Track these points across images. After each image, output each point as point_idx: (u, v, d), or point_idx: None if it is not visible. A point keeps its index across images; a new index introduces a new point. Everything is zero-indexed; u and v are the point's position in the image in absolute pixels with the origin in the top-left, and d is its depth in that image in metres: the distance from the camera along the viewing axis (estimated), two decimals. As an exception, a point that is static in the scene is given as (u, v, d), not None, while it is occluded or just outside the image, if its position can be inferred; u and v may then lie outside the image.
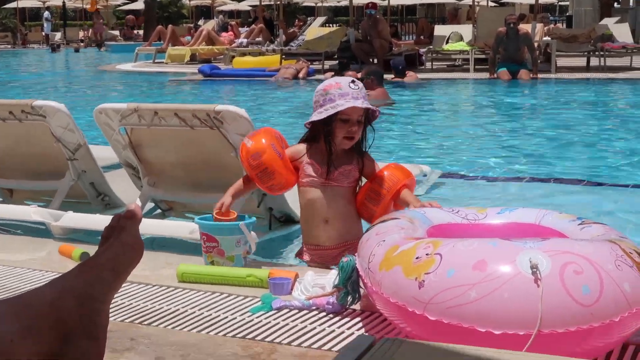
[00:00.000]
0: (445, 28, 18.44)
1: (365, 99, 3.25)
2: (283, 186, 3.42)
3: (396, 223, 2.71)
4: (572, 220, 2.74)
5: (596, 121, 9.97)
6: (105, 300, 1.54)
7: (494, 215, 2.91)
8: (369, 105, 3.25)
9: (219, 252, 3.27)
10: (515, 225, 2.84)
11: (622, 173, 6.48)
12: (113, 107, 4.25)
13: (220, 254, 3.26)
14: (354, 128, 3.27)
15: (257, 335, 2.58)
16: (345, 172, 3.36)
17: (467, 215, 2.91)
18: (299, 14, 26.58)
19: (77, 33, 41.17)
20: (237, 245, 3.26)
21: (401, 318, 2.39)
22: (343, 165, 3.35)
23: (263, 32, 21.25)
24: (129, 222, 1.60)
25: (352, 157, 3.37)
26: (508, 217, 2.89)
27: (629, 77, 14.74)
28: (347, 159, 3.37)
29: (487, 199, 5.30)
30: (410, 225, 2.70)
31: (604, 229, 2.60)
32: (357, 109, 3.23)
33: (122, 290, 2.95)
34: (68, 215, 4.12)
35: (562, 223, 2.74)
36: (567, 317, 2.15)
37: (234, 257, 3.25)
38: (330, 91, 3.25)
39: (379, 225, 2.73)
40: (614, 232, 2.56)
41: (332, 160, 3.34)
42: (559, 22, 30.22)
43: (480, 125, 9.88)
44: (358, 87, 3.26)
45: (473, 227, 2.86)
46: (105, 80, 18.15)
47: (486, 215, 2.91)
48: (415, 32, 24.47)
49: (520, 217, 2.87)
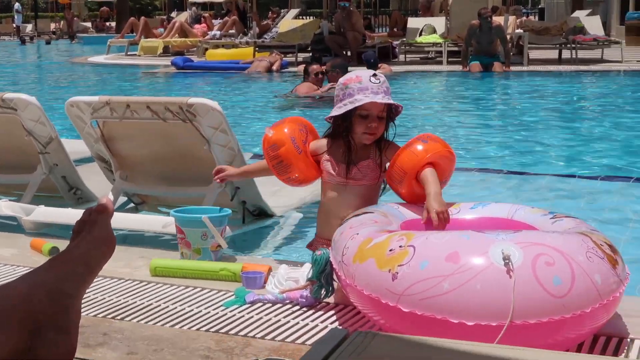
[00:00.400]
0: (419, 20, 18.46)
1: (386, 94, 3.09)
2: (301, 180, 3.31)
3: (370, 217, 2.71)
4: (544, 214, 2.77)
5: (568, 113, 10.05)
6: (76, 294, 1.54)
7: (467, 210, 2.93)
8: (389, 100, 3.08)
9: (186, 244, 3.27)
10: (488, 219, 2.85)
11: (594, 164, 6.53)
12: (85, 100, 4.22)
13: (187, 246, 3.26)
14: (374, 124, 3.10)
15: (230, 329, 2.57)
16: (363, 168, 3.18)
17: None
18: (272, 6, 26.49)
19: (49, 25, 40.80)
20: (203, 238, 3.25)
21: (375, 310, 2.40)
22: (360, 161, 3.19)
23: (236, 24, 21.16)
24: (100, 216, 1.59)
25: (370, 152, 3.20)
26: (481, 212, 2.91)
27: (600, 69, 14.85)
28: (365, 153, 3.20)
29: (460, 192, 5.32)
30: (384, 219, 2.71)
31: (575, 222, 2.62)
32: (377, 104, 3.07)
33: (94, 284, 2.93)
34: (39, 210, 4.09)
35: (534, 217, 2.76)
36: (539, 308, 2.17)
37: (201, 250, 3.25)
38: (350, 85, 3.11)
39: (352, 219, 2.74)
40: (584, 225, 2.59)
41: (350, 158, 3.19)
42: (531, 15, 30.39)
43: (453, 117, 9.92)
44: (379, 81, 3.08)
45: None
46: (77, 72, 18.01)
47: (459, 210, 2.93)
48: (388, 25, 24.46)
49: (493, 212, 2.89)
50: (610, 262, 2.33)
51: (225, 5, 25.44)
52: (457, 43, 15.87)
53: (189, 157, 4.21)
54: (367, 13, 25.56)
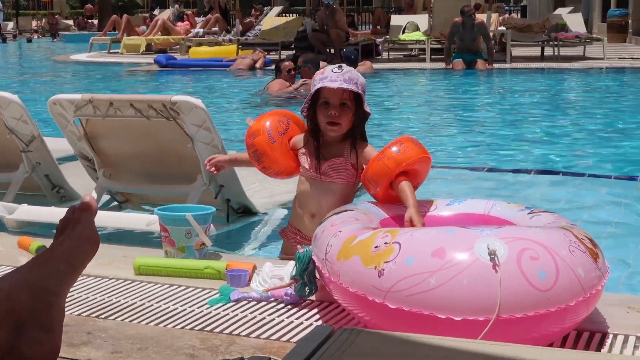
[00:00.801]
0: (402, 18, 18.50)
1: (347, 82, 3.09)
2: (277, 172, 3.36)
3: (351, 214, 2.72)
4: (521, 209, 2.79)
5: (550, 110, 10.09)
6: (60, 293, 1.53)
7: (443, 206, 2.94)
8: (348, 86, 3.09)
9: (170, 242, 3.26)
10: (465, 215, 2.87)
11: (577, 161, 6.56)
12: (67, 97, 4.20)
13: (171, 244, 3.26)
14: (334, 112, 3.12)
15: (215, 327, 2.57)
16: (334, 165, 3.22)
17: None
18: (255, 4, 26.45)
19: (30, 22, 40.58)
20: (187, 236, 3.24)
21: (360, 307, 2.41)
22: (332, 157, 3.22)
23: (219, 21, 21.13)
24: (84, 214, 1.59)
25: (343, 150, 3.23)
26: (457, 208, 2.92)
27: (582, 66, 14.92)
28: (338, 151, 3.23)
29: (443, 189, 5.34)
30: (364, 216, 2.72)
31: (553, 217, 2.64)
32: (337, 91, 3.10)
33: (78, 283, 2.92)
34: (22, 208, 4.07)
35: (511, 212, 2.78)
36: (525, 302, 2.18)
37: (185, 248, 3.24)
38: (315, 78, 3.19)
39: (333, 217, 2.74)
40: (563, 220, 2.61)
41: (319, 151, 3.23)
42: (513, 12, 30.50)
43: (436, 115, 9.95)
44: (341, 71, 3.11)
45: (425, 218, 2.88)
46: (59, 70, 17.92)
47: (436, 207, 2.94)
48: (371, 22, 24.49)
49: (469, 208, 2.90)
50: (591, 255, 2.35)
51: (207, 3, 25.37)
52: (440, 40, 15.90)
53: (172, 155, 4.20)
54: (350, 10, 25.58)
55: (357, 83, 3.14)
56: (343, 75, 3.12)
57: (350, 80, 3.12)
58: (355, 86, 3.12)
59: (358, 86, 3.13)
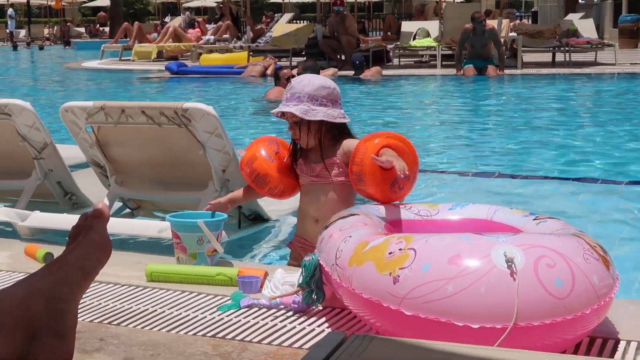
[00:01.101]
0: (412, 24, 18.50)
1: (287, 101, 3.25)
2: (283, 190, 3.42)
3: (358, 219, 2.71)
4: (525, 215, 2.77)
5: (562, 116, 10.06)
6: (73, 300, 1.53)
7: (445, 211, 2.93)
8: (284, 109, 3.24)
9: (182, 249, 3.26)
10: (468, 221, 2.85)
11: (590, 168, 6.54)
12: (79, 105, 4.21)
13: (183, 251, 3.26)
14: (291, 131, 3.32)
15: (227, 334, 2.57)
16: (328, 166, 3.30)
17: (420, 212, 2.93)
18: (266, 11, 26.50)
19: (42, 30, 40.78)
20: (199, 243, 3.24)
21: (373, 313, 2.39)
22: (326, 158, 3.30)
23: (230, 28, 21.18)
24: (96, 221, 1.59)
25: (336, 150, 3.31)
26: (460, 213, 2.91)
27: (593, 72, 14.89)
28: (332, 151, 3.31)
29: (454, 194, 5.33)
30: (371, 221, 2.71)
31: (560, 223, 2.62)
32: (288, 113, 3.27)
33: (90, 290, 2.93)
34: (35, 215, 4.08)
35: (515, 218, 2.76)
36: (542, 310, 2.17)
37: (197, 254, 3.24)
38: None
39: (340, 221, 2.73)
40: (571, 227, 2.59)
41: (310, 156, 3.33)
42: (524, 18, 30.47)
43: (447, 121, 9.93)
44: (290, 87, 3.28)
45: (427, 223, 2.87)
46: (71, 78, 17.99)
47: (438, 211, 2.93)
48: (382, 29, 24.51)
49: (472, 213, 2.89)
50: (604, 263, 2.34)
51: (218, 9, 25.45)
52: (451, 47, 15.90)
53: (184, 161, 4.21)
54: (361, 17, 25.62)
55: (301, 95, 3.23)
56: (286, 94, 3.28)
57: (291, 97, 3.25)
58: (296, 102, 3.22)
59: (302, 98, 3.22)
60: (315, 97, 3.23)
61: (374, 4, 37.22)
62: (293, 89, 3.26)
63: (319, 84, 3.26)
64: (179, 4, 39.04)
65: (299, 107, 3.22)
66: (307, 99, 3.22)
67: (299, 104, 3.23)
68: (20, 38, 38.41)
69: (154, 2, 44.03)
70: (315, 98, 3.23)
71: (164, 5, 44.30)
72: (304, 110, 3.22)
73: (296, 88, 3.25)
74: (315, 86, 3.24)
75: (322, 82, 3.27)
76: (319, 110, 3.23)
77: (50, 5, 45.02)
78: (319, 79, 3.29)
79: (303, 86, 3.24)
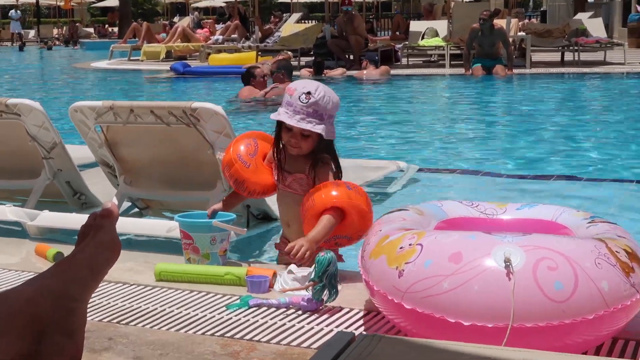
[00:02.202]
0: (421, 24, 18.48)
1: (308, 116, 3.07)
2: (263, 192, 3.38)
3: (400, 214, 2.73)
4: (584, 218, 2.72)
5: (571, 115, 10.04)
6: (82, 299, 1.53)
7: (513, 210, 2.89)
8: (306, 126, 3.06)
9: (194, 250, 3.26)
10: (531, 221, 2.81)
11: (599, 167, 6.53)
12: (88, 105, 4.22)
13: (196, 251, 3.26)
14: (294, 140, 3.15)
15: (235, 333, 2.57)
16: (298, 179, 3.25)
17: (486, 210, 2.90)
18: (274, 10, 26.50)
19: (51, 31, 40.87)
20: (212, 243, 3.25)
21: (383, 306, 2.47)
22: (296, 172, 3.25)
23: (239, 28, 21.20)
24: (105, 220, 1.59)
25: (305, 167, 3.24)
26: (527, 213, 2.87)
27: (603, 71, 14.85)
28: (301, 166, 3.24)
29: (464, 194, 5.32)
30: (415, 217, 2.72)
31: (608, 227, 2.57)
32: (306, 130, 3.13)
33: (99, 289, 2.93)
34: (44, 215, 4.08)
35: (575, 220, 2.72)
36: (537, 312, 2.16)
37: (210, 254, 3.25)
38: (286, 94, 3.16)
39: (386, 215, 2.79)
40: (618, 230, 2.53)
41: (281, 165, 3.27)
42: (533, 17, 30.41)
43: (456, 120, 9.92)
44: (307, 101, 3.07)
45: (488, 222, 2.84)
46: (80, 78, 18.03)
47: (505, 211, 2.90)
48: (390, 28, 24.49)
49: (538, 214, 2.85)
50: (623, 269, 2.27)
51: (226, 9, 25.47)
52: (460, 46, 15.88)
53: (192, 161, 4.21)
54: (370, 17, 25.61)
55: (324, 113, 3.09)
56: (307, 107, 3.07)
57: (314, 113, 3.08)
58: (319, 119, 3.08)
59: (324, 116, 3.09)
60: (332, 115, 3.16)
61: (383, 4, 37.23)
62: (317, 105, 3.08)
63: (337, 99, 3.16)
64: (188, 4, 39.10)
65: (322, 127, 3.09)
66: (327, 117, 3.12)
67: (321, 122, 3.09)
68: (29, 38, 38.48)
69: (163, 3, 44.11)
70: (332, 116, 3.16)
71: (173, 6, 44.38)
72: (326, 130, 3.10)
73: (320, 105, 3.08)
74: (335, 103, 3.14)
75: (337, 98, 3.18)
76: (333, 129, 3.19)
77: (59, 6, 45.14)
78: (334, 96, 3.16)
79: (326, 103, 3.09)
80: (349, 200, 3.03)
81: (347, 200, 3.03)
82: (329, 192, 3.06)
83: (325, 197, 3.04)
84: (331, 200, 3.03)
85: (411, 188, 5.45)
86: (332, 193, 3.05)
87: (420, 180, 5.74)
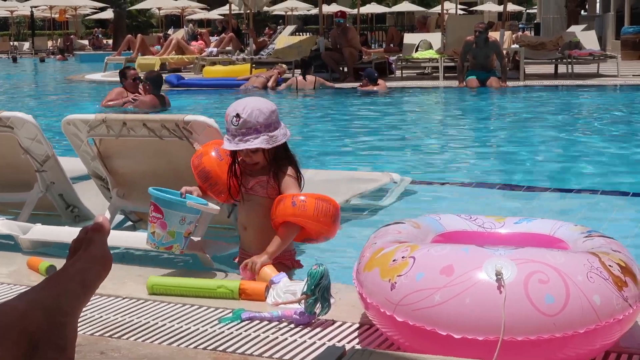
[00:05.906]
0: (415, 36, 18.51)
1: (245, 136, 3.23)
2: (221, 190, 3.46)
3: (397, 227, 2.74)
4: (582, 232, 2.72)
5: (565, 128, 10.06)
6: (73, 313, 1.53)
7: (511, 224, 2.90)
8: (244, 146, 3.23)
9: (162, 225, 3.28)
10: (528, 235, 2.81)
11: (593, 179, 6.54)
12: (81, 117, 4.22)
13: (163, 227, 3.28)
14: (247, 158, 3.34)
15: (228, 347, 2.57)
16: (261, 182, 3.39)
17: (484, 224, 2.91)
18: (269, 23, 26.58)
19: (46, 43, 40.85)
20: (182, 222, 3.29)
21: (376, 318, 2.48)
22: (258, 175, 3.39)
23: (233, 41, 21.22)
24: (96, 234, 1.59)
25: (268, 170, 3.37)
26: (525, 227, 2.87)
27: (596, 83, 14.89)
28: (263, 171, 3.38)
29: (458, 207, 5.32)
30: (411, 230, 2.72)
31: (604, 241, 2.57)
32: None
33: (91, 303, 2.93)
34: (36, 228, 4.08)
35: (572, 235, 2.72)
36: (527, 326, 2.16)
37: (175, 233, 3.27)
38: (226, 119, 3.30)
39: (383, 227, 2.80)
40: (613, 244, 2.53)
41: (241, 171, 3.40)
42: (527, 30, 30.51)
43: (450, 133, 9.94)
44: (237, 124, 3.23)
45: (486, 235, 2.84)
46: (74, 90, 18.02)
47: (503, 224, 2.90)
48: (384, 41, 24.55)
49: (536, 228, 2.85)
50: (615, 283, 2.27)
51: (219, 23, 25.52)
52: (454, 58, 15.90)
53: (185, 174, 4.19)
54: (364, 29, 25.68)
55: (258, 127, 3.23)
56: (240, 129, 3.24)
57: (248, 131, 3.23)
58: (255, 134, 3.23)
59: (260, 128, 3.23)
60: (269, 124, 3.26)
61: (377, 16, 37.35)
62: (247, 123, 3.23)
63: (267, 109, 3.27)
64: (182, 16, 39.15)
65: (260, 140, 3.23)
66: (264, 129, 3.24)
67: (258, 136, 3.23)
68: (23, 50, 38.45)
69: (157, 15, 44.12)
70: (269, 125, 3.26)
71: (167, 18, 44.42)
72: (266, 140, 3.25)
73: (250, 122, 3.23)
74: (266, 113, 3.25)
75: (268, 106, 3.29)
76: (277, 135, 3.28)
77: (54, 18, 45.13)
78: (262, 104, 3.29)
79: (256, 118, 3.23)
80: (294, 217, 3.24)
81: (292, 218, 3.24)
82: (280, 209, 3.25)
83: (275, 216, 3.28)
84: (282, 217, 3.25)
85: (404, 200, 5.45)
86: (281, 211, 3.25)
87: (414, 192, 5.74)
